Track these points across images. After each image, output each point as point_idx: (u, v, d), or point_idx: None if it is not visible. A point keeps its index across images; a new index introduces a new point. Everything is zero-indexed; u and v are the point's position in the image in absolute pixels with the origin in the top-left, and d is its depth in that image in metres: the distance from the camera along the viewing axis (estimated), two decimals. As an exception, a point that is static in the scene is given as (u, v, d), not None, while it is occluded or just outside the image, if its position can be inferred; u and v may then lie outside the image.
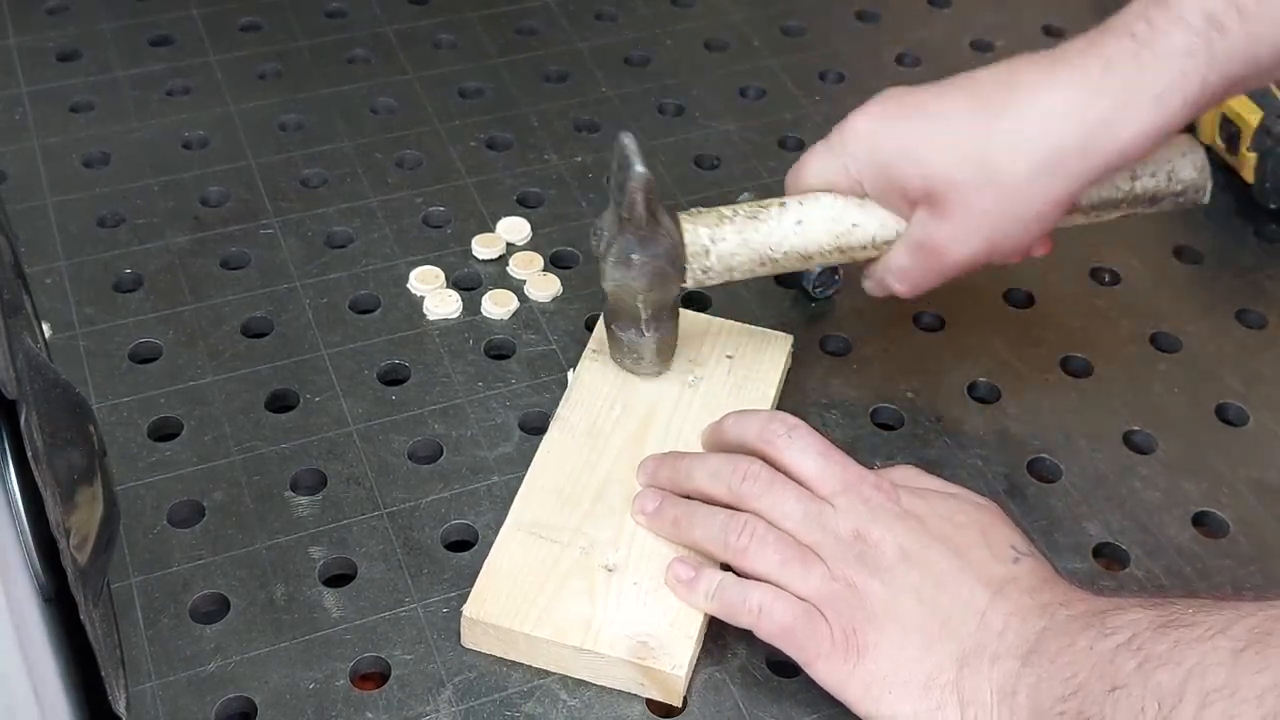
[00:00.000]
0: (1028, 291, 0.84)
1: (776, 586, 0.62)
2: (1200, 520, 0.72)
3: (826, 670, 0.61)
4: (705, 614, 0.64)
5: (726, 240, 0.71)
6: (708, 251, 0.71)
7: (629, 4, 1.05)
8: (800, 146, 0.93)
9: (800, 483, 0.65)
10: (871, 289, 0.74)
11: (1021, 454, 0.74)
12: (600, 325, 0.77)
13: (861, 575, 0.61)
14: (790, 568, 0.62)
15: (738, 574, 0.64)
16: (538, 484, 0.70)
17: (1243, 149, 0.88)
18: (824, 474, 0.64)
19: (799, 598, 0.62)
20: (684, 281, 0.71)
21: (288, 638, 0.65)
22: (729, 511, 0.65)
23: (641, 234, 0.70)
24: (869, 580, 0.61)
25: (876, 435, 0.75)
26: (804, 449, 0.65)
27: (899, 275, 0.71)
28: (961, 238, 0.68)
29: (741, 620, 0.63)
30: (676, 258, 0.71)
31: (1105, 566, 0.70)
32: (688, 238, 0.71)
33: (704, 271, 0.71)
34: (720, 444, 0.69)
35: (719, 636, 0.65)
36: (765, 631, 0.62)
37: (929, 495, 0.65)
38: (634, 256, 0.70)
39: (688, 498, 0.67)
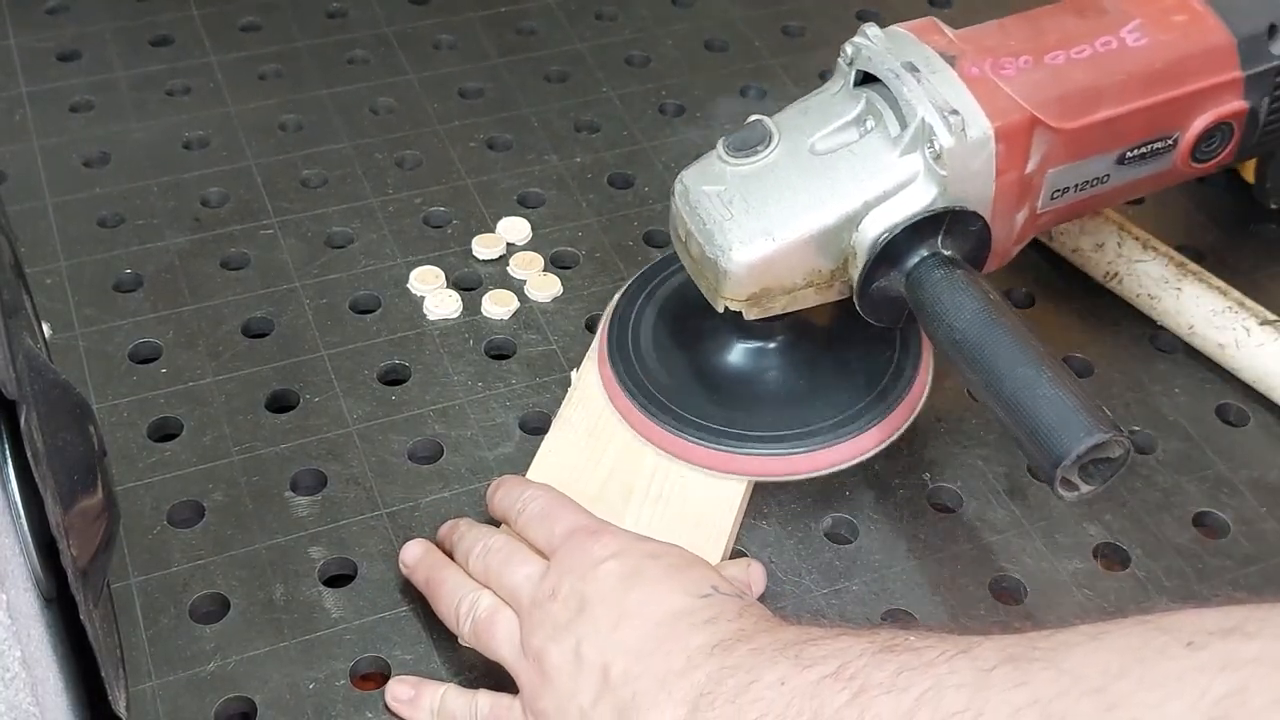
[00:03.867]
0: (1027, 291, 0.83)
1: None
2: (1200, 520, 0.72)
3: None
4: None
5: None
6: None
7: (629, 4, 1.05)
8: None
9: (539, 551, 0.62)
10: None
11: (1021, 454, 0.74)
12: (602, 326, 0.77)
13: (545, 640, 0.58)
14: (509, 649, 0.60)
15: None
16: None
17: (1243, 149, 0.88)
18: (549, 540, 0.62)
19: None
20: None
21: (288, 638, 0.65)
22: (469, 585, 0.63)
23: None
24: (548, 645, 0.58)
25: (876, 435, 0.75)
26: (530, 518, 0.64)
27: None
28: None
29: None
30: None
31: (1105, 566, 0.70)
32: None
33: None
34: (490, 512, 0.68)
35: (719, 636, 0.65)
36: None
37: (628, 536, 0.62)
38: None
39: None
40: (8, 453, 0.51)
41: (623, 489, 0.70)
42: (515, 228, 0.86)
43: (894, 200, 0.66)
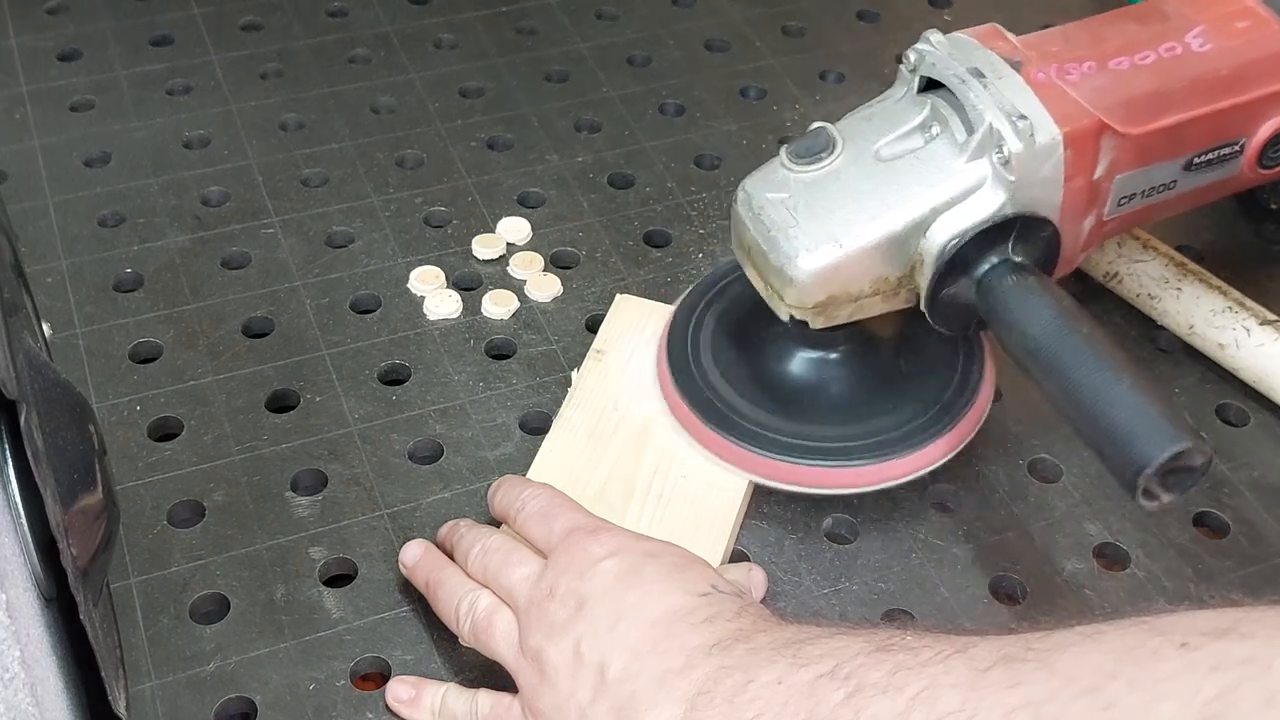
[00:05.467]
0: (1028, 292, 0.83)
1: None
2: (1200, 520, 0.72)
3: None
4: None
5: None
6: None
7: (630, 4, 1.05)
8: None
9: (538, 550, 0.62)
10: None
11: (1021, 454, 0.74)
12: (604, 327, 0.77)
13: (543, 640, 0.58)
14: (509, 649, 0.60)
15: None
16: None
17: (1243, 149, 0.87)
18: (547, 538, 0.62)
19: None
20: None
21: (288, 638, 0.65)
22: (468, 586, 0.63)
23: None
24: (546, 644, 0.57)
25: (877, 435, 0.75)
26: (528, 517, 0.63)
27: None
28: None
29: None
30: None
31: (1105, 566, 0.70)
32: None
33: None
34: (491, 512, 0.68)
35: (719, 637, 0.65)
36: None
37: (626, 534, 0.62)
38: None
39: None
40: (8, 452, 0.51)
41: (623, 489, 0.70)
42: (515, 228, 0.86)
43: (962, 206, 0.65)
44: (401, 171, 0.90)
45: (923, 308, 0.67)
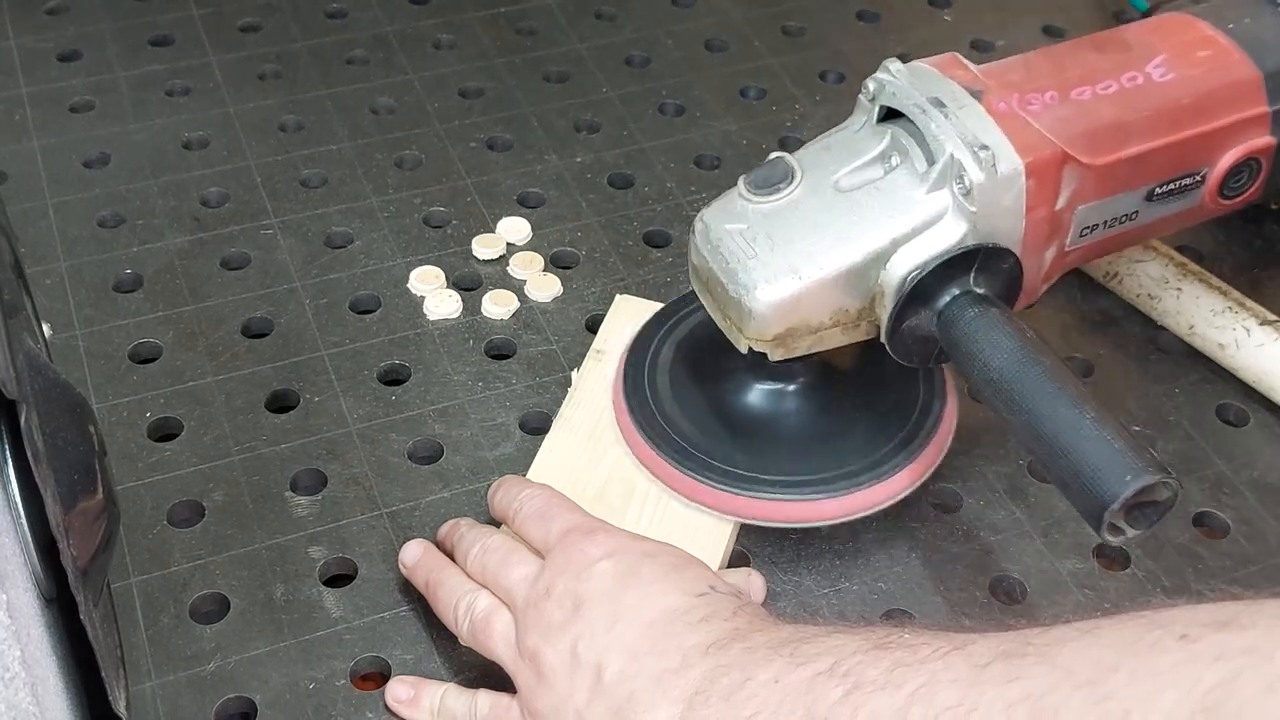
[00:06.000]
0: (1028, 291, 0.84)
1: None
2: (1200, 520, 0.72)
3: None
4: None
5: None
6: None
7: (629, 4, 1.05)
8: (800, 146, 0.93)
9: (537, 550, 0.62)
10: None
11: (1021, 454, 0.74)
12: (604, 327, 0.77)
13: (540, 641, 0.58)
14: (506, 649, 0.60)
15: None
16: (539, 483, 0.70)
17: (1243, 149, 0.87)
18: (545, 539, 0.62)
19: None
20: None
21: (288, 638, 0.65)
22: (467, 586, 0.63)
23: None
24: (542, 645, 0.57)
25: (876, 435, 0.75)
26: (526, 517, 0.64)
27: None
28: None
29: None
30: None
31: (1105, 566, 0.70)
32: None
33: None
34: (490, 512, 0.68)
35: (719, 636, 0.65)
36: None
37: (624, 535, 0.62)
38: None
39: None
40: (8, 453, 0.51)
41: (623, 489, 0.70)
42: (515, 228, 0.86)
43: (922, 238, 0.64)
44: (401, 172, 0.90)
45: (883, 340, 0.66)
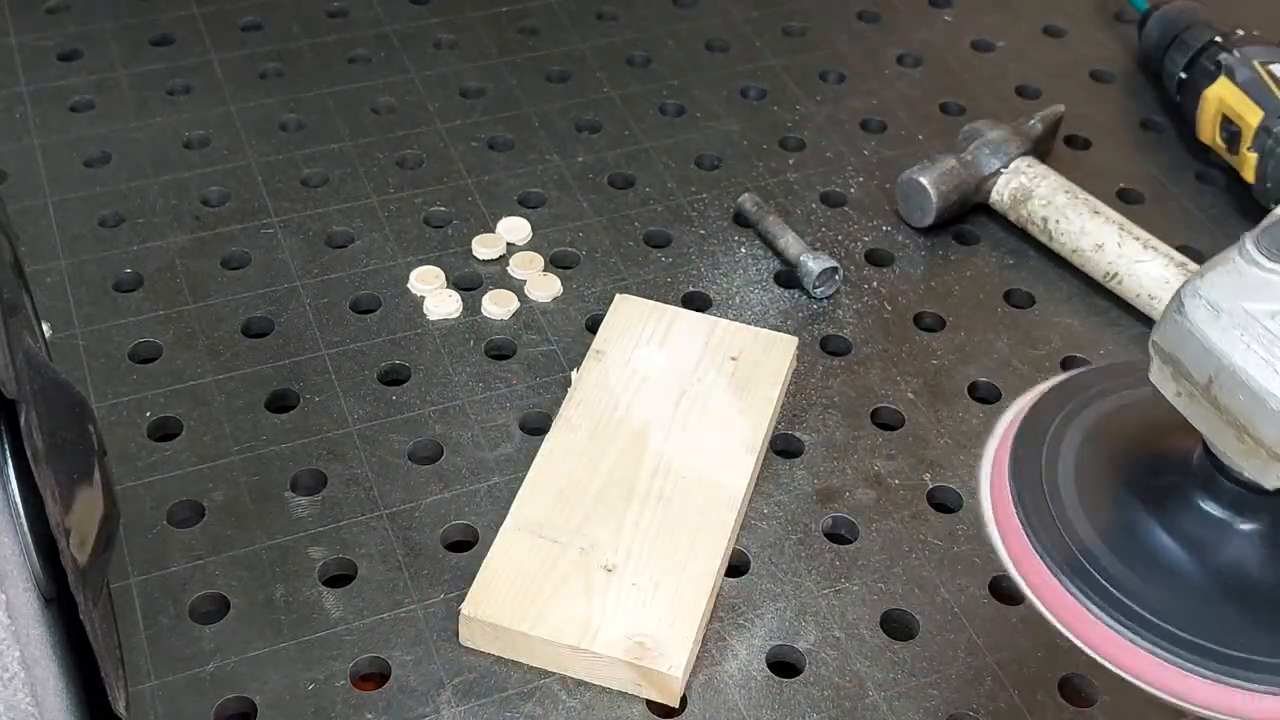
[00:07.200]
0: (1028, 292, 0.83)
1: None
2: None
3: None
4: (704, 615, 0.64)
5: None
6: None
7: (630, 4, 1.05)
8: (800, 146, 0.93)
9: None
10: None
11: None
12: (604, 327, 0.77)
13: None
14: None
15: None
16: (539, 484, 0.70)
17: (1243, 149, 0.87)
18: None
19: None
20: None
21: (288, 638, 0.65)
22: None
23: None
24: None
25: (876, 435, 0.75)
26: None
27: None
28: None
29: None
30: None
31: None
32: None
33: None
34: None
35: (719, 637, 0.65)
36: None
37: None
38: None
39: None
40: (8, 452, 0.51)
41: (623, 489, 0.70)
42: (516, 228, 0.86)
43: None
44: (401, 171, 0.90)
45: None
